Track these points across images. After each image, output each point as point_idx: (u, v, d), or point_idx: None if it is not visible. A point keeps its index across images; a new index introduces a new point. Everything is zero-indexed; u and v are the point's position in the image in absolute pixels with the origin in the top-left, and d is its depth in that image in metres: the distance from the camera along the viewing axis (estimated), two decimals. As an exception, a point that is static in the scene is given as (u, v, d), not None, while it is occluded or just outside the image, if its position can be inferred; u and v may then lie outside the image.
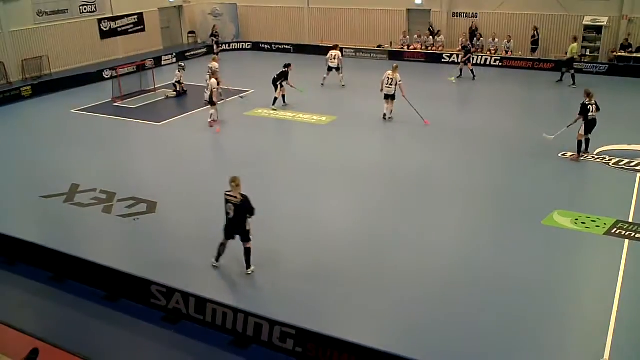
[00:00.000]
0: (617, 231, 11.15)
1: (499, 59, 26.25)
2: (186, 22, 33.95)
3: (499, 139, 16.72)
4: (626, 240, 10.82)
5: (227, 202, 9.60)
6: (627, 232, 11.08)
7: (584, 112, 14.57)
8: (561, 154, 15.09)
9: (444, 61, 27.18)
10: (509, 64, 26.03)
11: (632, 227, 11.28)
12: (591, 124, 14.66)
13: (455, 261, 10.40)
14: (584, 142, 14.78)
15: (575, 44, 22.50)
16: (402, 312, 9.02)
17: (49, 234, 11.66)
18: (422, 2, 28.58)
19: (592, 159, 14.80)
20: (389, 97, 18.28)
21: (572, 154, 14.87)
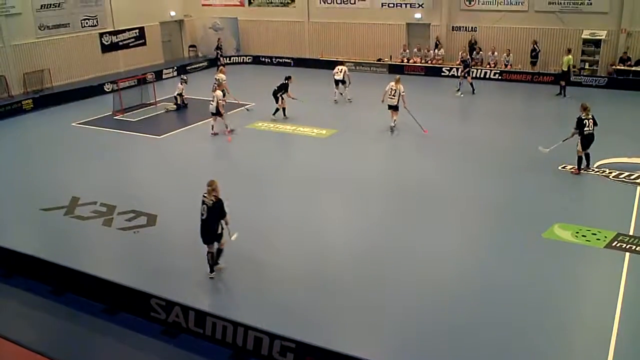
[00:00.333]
0: (617, 244, 11.13)
1: (499, 72, 26.39)
2: (187, 36, 34.18)
3: (499, 151, 16.75)
4: (627, 253, 10.79)
5: (202, 204, 9.96)
6: (628, 245, 11.06)
7: (580, 127, 14.44)
8: (561, 166, 15.10)
9: (443, 74, 27.33)
10: (509, 77, 26.17)
11: (633, 240, 11.26)
12: (588, 139, 14.46)
13: (455, 274, 10.37)
14: (584, 157, 14.68)
15: (569, 57, 22.62)
16: (402, 325, 8.98)
17: (49, 246, 11.64)
18: (421, 16, 28.79)
19: (592, 172, 14.79)
20: (392, 108, 18.43)
21: (572, 167, 14.87)
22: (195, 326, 8.61)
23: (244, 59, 32.80)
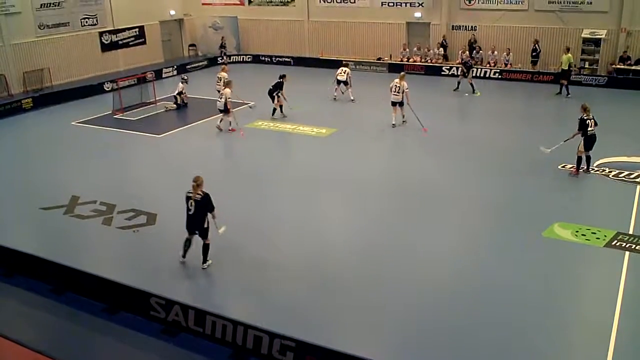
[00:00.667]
0: (617, 243, 11.14)
1: (499, 72, 26.39)
2: (187, 35, 34.18)
3: (499, 150, 16.75)
4: (627, 252, 10.80)
5: (188, 200, 10.11)
6: (628, 244, 11.06)
7: (583, 128, 14.33)
8: (561, 166, 15.10)
9: (443, 73, 27.32)
10: (509, 76, 26.17)
11: (633, 239, 11.27)
12: (591, 140, 14.38)
13: (455, 273, 10.37)
14: (584, 159, 14.58)
15: (567, 55, 22.56)
16: (403, 324, 8.98)
17: (49, 245, 11.64)
18: (421, 15, 28.78)
19: (592, 171, 14.78)
20: (397, 104, 18.47)
21: (572, 167, 14.87)
22: (195, 325, 8.61)
23: (243, 58, 32.79)
